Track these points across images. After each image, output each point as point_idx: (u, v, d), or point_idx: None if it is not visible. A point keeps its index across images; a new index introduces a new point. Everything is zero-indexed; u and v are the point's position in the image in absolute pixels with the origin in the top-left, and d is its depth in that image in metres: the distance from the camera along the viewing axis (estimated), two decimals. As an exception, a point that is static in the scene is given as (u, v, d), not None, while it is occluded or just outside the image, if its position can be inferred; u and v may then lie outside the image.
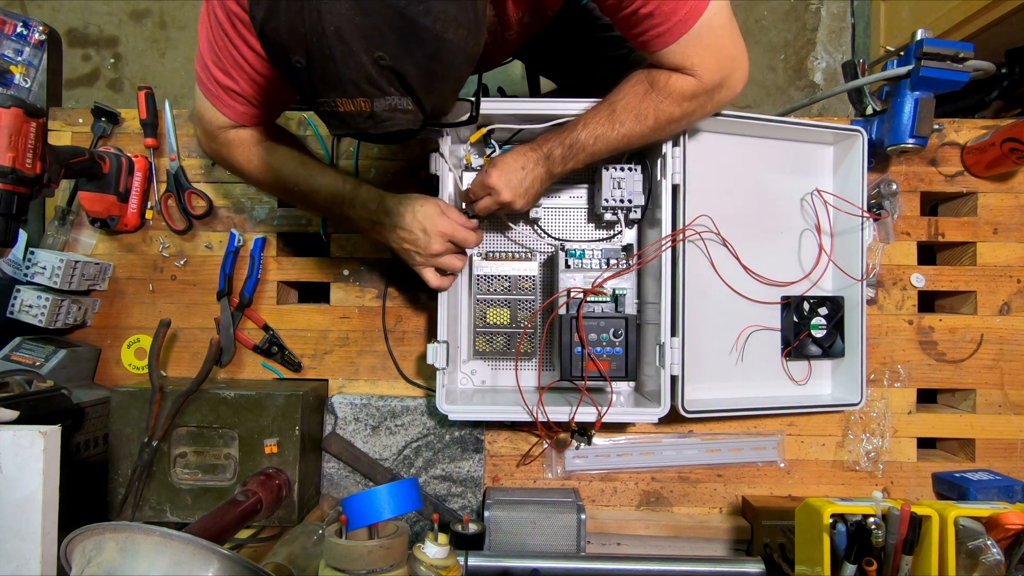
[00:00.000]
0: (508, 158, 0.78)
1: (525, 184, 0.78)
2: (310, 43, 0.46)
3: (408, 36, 0.46)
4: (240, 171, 0.83)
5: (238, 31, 0.68)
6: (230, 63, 0.71)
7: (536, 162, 0.78)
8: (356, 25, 0.45)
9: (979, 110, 1.31)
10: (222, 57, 0.70)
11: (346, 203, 0.79)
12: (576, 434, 0.87)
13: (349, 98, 0.49)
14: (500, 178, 0.77)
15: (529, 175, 0.78)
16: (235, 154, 0.80)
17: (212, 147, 0.82)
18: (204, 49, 0.72)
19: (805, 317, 0.93)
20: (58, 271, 0.88)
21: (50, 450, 0.63)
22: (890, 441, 0.96)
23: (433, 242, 0.78)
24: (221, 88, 0.73)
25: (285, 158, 0.80)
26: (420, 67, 0.48)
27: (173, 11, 2.03)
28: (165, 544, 0.52)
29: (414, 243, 0.78)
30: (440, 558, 0.68)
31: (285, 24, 0.46)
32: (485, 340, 0.94)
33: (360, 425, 0.95)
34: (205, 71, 0.73)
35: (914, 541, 0.66)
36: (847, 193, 0.93)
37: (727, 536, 0.92)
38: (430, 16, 0.46)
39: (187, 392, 0.84)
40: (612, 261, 0.87)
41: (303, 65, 0.47)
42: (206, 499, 0.85)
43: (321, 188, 0.80)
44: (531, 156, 0.78)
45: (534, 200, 0.82)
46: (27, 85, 0.98)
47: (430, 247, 0.78)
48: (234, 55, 0.70)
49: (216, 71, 0.72)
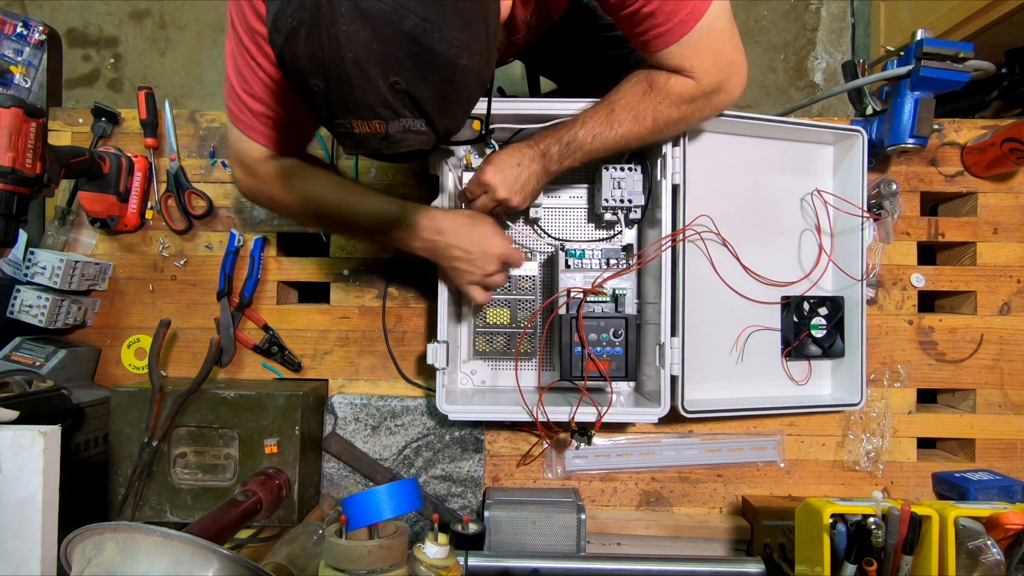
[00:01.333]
0: (503, 155, 0.78)
1: (521, 180, 0.78)
2: (328, 69, 0.46)
3: (423, 62, 0.47)
4: (281, 205, 0.80)
5: (264, 52, 0.67)
6: (259, 86, 0.69)
7: (532, 159, 0.77)
8: (373, 52, 0.45)
9: (979, 110, 1.31)
10: (251, 82, 0.69)
11: (394, 224, 0.78)
12: (576, 434, 0.87)
13: (365, 120, 0.49)
14: (496, 175, 0.77)
15: (525, 171, 0.77)
16: (276, 187, 0.77)
17: (252, 185, 0.78)
18: (233, 81, 0.70)
19: (805, 317, 0.93)
20: (58, 271, 0.88)
21: (50, 450, 0.63)
22: (890, 441, 0.96)
23: (490, 263, 0.80)
24: (253, 115, 0.71)
25: (326, 183, 0.78)
26: (434, 91, 0.48)
27: (173, 11, 2.03)
28: (165, 544, 0.52)
29: (471, 263, 0.80)
30: (440, 558, 0.68)
31: (304, 50, 0.46)
32: (485, 340, 0.94)
33: (360, 425, 0.95)
34: (237, 103, 0.71)
35: (914, 541, 0.66)
36: (847, 193, 0.93)
37: (727, 536, 0.92)
38: (444, 43, 0.46)
39: (187, 392, 0.84)
40: (612, 261, 0.87)
41: (321, 89, 0.48)
42: (206, 499, 0.85)
43: (367, 211, 0.79)
44: (527, 153, 0.78)
45: (531, 197, 0.81)
46: (27, 85, 0.98)
47: (486, 267, 0.81)
48: (263, 78, 0.68)
49: (247, 98, 0.70)
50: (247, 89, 0.70)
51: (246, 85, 0.69)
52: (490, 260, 0.80)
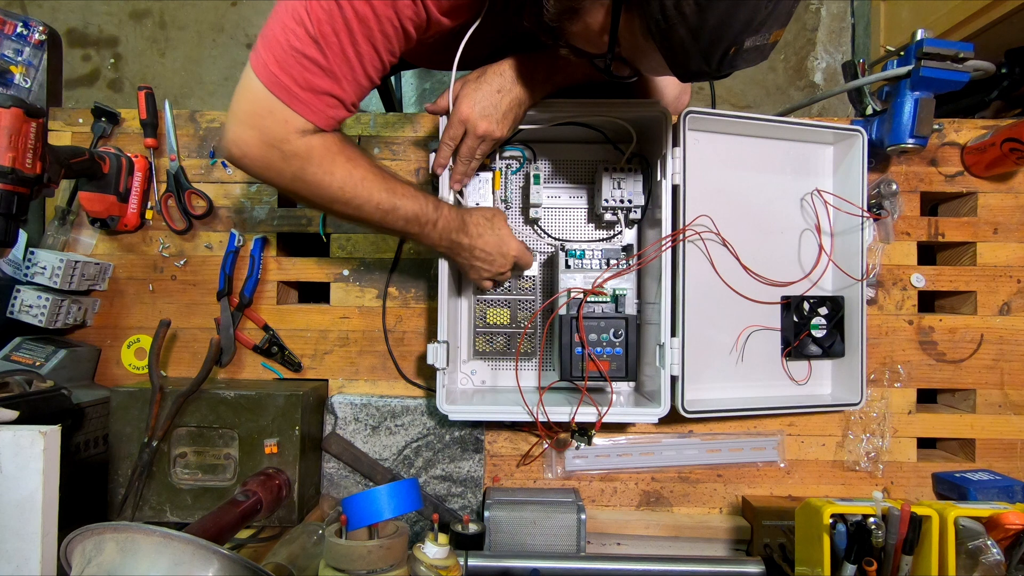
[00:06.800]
0: (480, 82, 0.72)
1: (502, 108, 0.73)
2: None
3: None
4: (311, 187, 0.69)
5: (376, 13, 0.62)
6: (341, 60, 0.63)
7: (514, 81, 0.73)
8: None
9: (979, 110, 1.31)
10: (330, 56, 0.62)
11: (429, 224, 0.76)
12: (576, 434, 0.87)
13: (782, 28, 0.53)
14: (473, 107, 0.72)
15: (506, 97, 0.73)
16: (309, 167, 0.68)
17: (269, 158, 0.67)
18: (294, 42, 0.62)
19: (805, 317, 0.93)
20: (58, 271, 0.88)
21: (50, 450, 0.63)
22: (890, 441, 0.96)
23: (506, 263, 0.85)
24: (313, 93, 0.64)
25: (369, 173, 0.71)
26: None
27: (173, 11, 2.03)
28: (165, 544, 0.52)
29: (490, 263, 0.84)
30: (440, 558, 0.68)
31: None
32: (485, 340, 0.94)
33: (360, 425, 0.95)
34: (291, 69, 0.63)
35: (914, 541, 0.66)
36: (847, 193, 0.93)
37: (727, 536, 0.92)
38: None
39: (187, 392, 0.84)
40: (612, 261, 0.87)
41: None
42: (206, 499, 0.85)
43: (404, 208, 0.74)
44: (508, 75, 0.72)
45: (514, 126, 0.77)
46: (27, 85, 0.98)
47: (503, 267, 0.85)
48: (348, 53, 0.63)
49: (312, 70, 0.63)
50: (321, 61, 0.63)
51: (321, 55, 0.62)
52: (506, 260, 0.85)
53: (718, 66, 0.55)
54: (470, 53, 0.73)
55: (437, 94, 0.79)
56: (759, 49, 0.54)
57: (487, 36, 0.73)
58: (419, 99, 1.95)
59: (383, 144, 0.99)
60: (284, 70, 0.63)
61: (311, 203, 0.73)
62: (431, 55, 0.95)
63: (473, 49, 0.73)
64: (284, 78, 0.63)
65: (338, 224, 0.98)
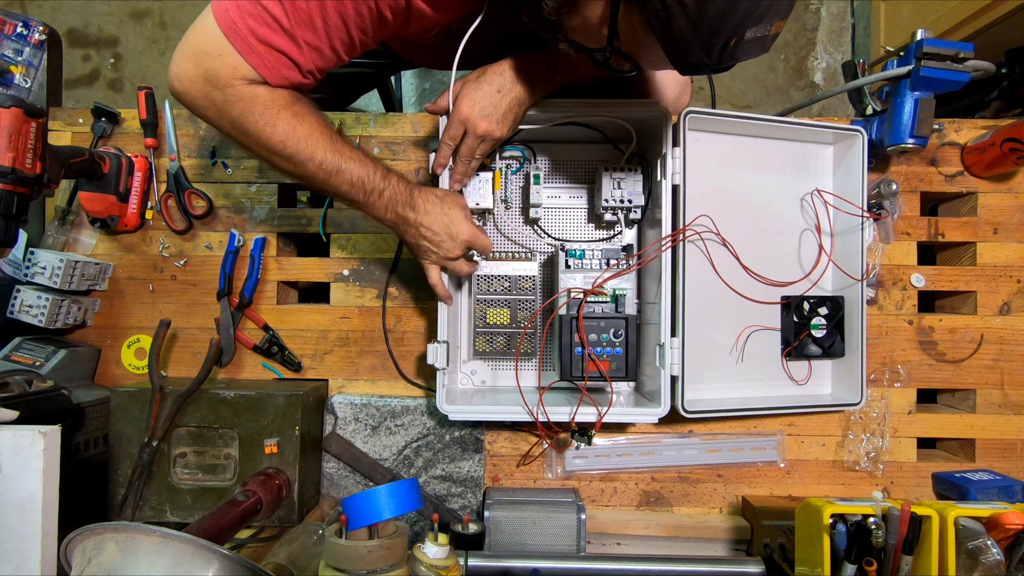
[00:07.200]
0: (479, 82, 0.72)
1: (502, 108, 0.73)
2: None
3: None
4: (250, 135, 0.69)
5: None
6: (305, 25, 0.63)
7: (514, 81, 0.73)
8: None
9: (979, 110, 1.31)
10: (294, 18, 0.62)
11: (375, 192, 0.75)
12: (576, 434, 0.87)
13: (783, 20, 0.53)
14: (473, 107, 0.72)
15: (506, 97, 0.73)
16: (250, 114, 0.67)
17: (213, 98, 0.67)
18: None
19: (805, 317, 0.93)
20: (58, 271, 0.88)
21: (50, 450, 0.63)
22: (890, 441, 0.96)
23: (455, 246, 0.80)
24: (269, 48, 0.64)
25: (315, 131, 0.71)
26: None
27: (173, 11, 2.03)
28: (165, 544, 0.52)
29: (437, 244, 0.80)
30: (440, 558, 0.68)
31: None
32: (485, 340, 0.94)
33: (360, 425, 0.95)
34: (250, 20, 0.63)
35: (914, 541, 0.66)
36: (847, 193, 0.93)
37: (727, 536, 0.92)
38: None
39: (187, 392, 0.84)
40: (612, 261, 0.87)
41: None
42: (206, 499, 0.85)
43: (350, 172, 0.73)
44: (508, 75, 0.72)
45: (514, 126, 0.77)
46: (27, 85, 0.98)
47: (451, 251, 0.80)
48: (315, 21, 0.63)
49: (272, 26, 0.63)
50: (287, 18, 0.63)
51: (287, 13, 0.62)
52: (455, 244, 0.80)
53: (719, 58, 0.55)
54: (470, 52, 0.73)
55: (437, 94, 0.79)
56: (760, 40, 0.54)
57: (487, 35, 0.72)
58: (419, 99, 1.95)
59: (383, 144, 0.99)
60: (243, 19, 0.63)
61: (253, 152, 0.73)
62: (431, 55, 0.95)
63: (473, 48, 0.73)
64: (242, 27, 0.63)
65: (338, 224, 0.98)
